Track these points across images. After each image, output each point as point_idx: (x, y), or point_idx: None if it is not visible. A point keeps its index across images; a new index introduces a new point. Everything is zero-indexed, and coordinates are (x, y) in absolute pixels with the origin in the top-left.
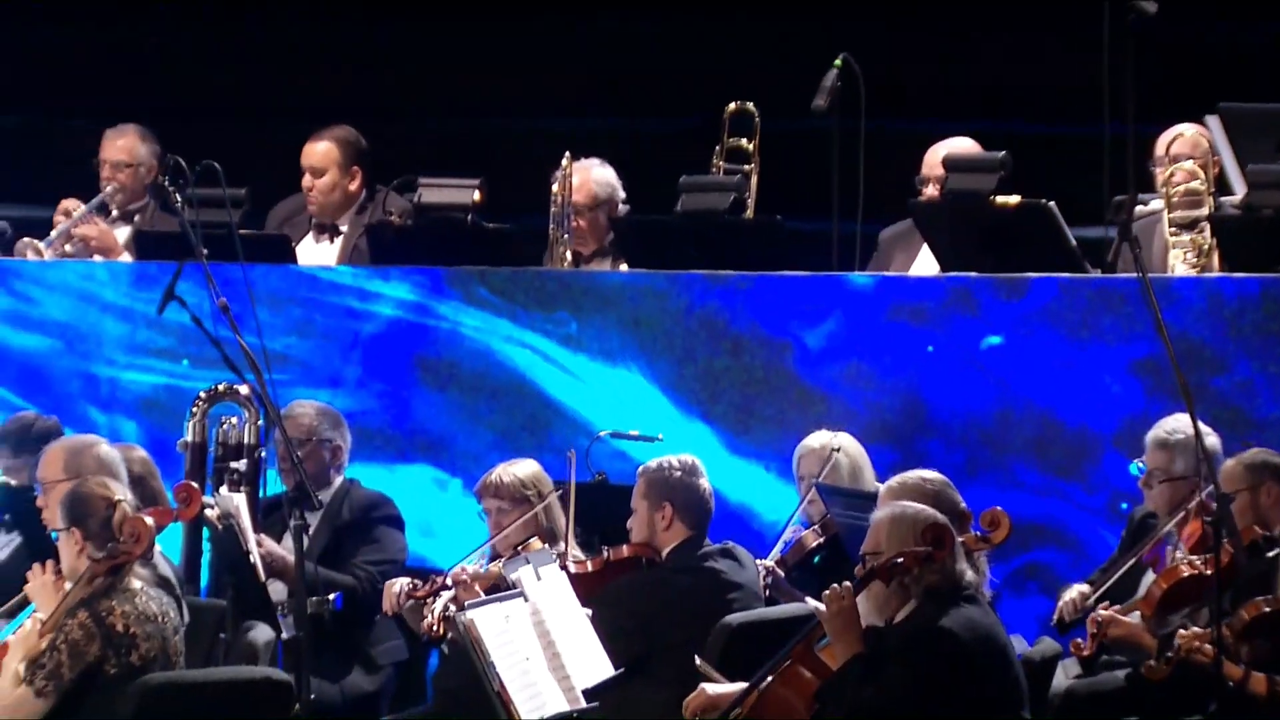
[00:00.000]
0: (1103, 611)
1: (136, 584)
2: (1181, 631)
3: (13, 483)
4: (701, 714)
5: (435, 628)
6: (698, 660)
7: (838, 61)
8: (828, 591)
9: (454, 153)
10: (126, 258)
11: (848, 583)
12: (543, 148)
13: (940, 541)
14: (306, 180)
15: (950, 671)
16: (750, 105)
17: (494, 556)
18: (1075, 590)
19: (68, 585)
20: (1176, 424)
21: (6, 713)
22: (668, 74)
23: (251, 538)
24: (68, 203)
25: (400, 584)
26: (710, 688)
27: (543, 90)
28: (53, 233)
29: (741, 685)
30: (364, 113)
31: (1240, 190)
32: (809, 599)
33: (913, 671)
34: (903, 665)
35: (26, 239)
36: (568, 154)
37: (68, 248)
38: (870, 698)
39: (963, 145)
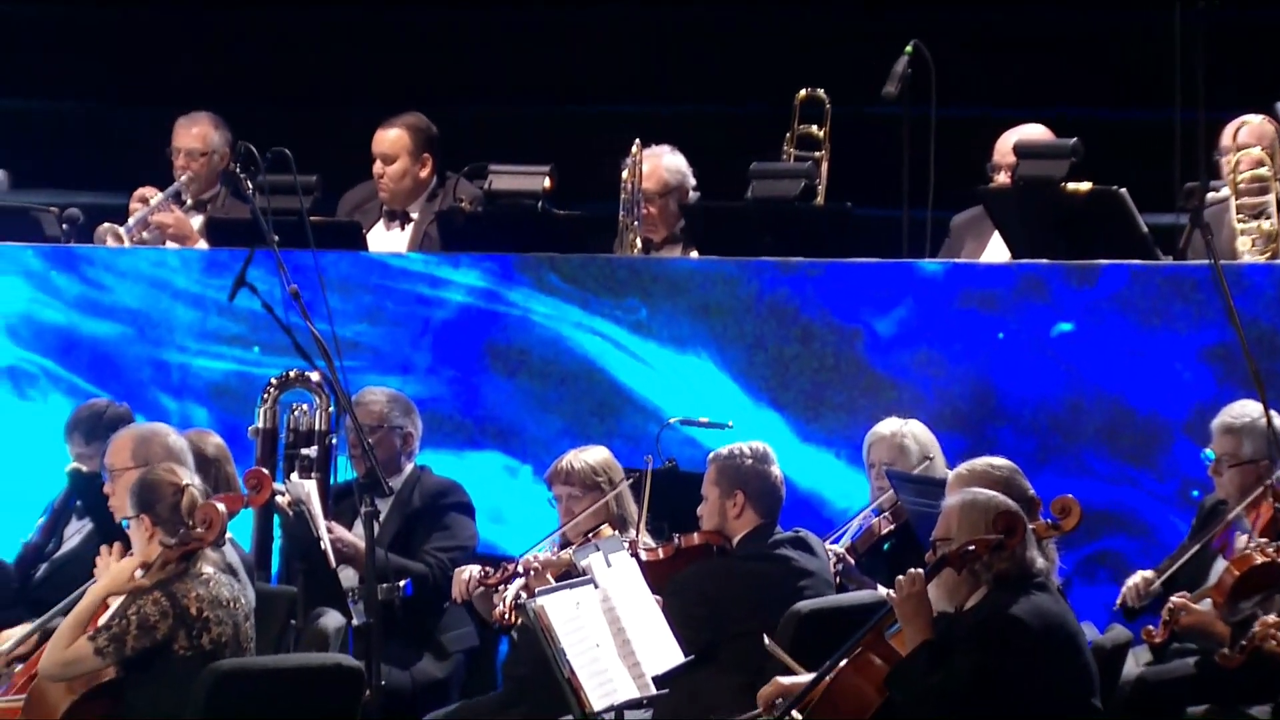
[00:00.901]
0: (1175, 599)
1: (208, 569)
2: (1264, 619)
3: (84, 469)
4: (771, 701)
5: (506, 615)
6: (766, 640)
7: (909, 48)
8: (900, 578)
9: (524, 139)
10: (202, 245)
11: (919, 569)
12: (613, 134)
13: (1012, 529)
14: (377, 167)
15: (1020, 659)
16: (821, 92)
17: (564, 543)
18: (1139, 576)
19: (139, 573)
20: (1243, 409)
21: (59, 655)
22: (739, 60)
23: (322, 524)
24: (145, 190)
25: (470, 572)
26: (784, 679)
27: (613, 76)
28: (131, 220)
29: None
30: (435, 99)
31: None
32: (879, 586)
33: (983, 659)
34: (973, 652)
35: (107, 225)
36: (637, 141)
37: (145, 235)
38: (940, 684)
39: (1034, 132)
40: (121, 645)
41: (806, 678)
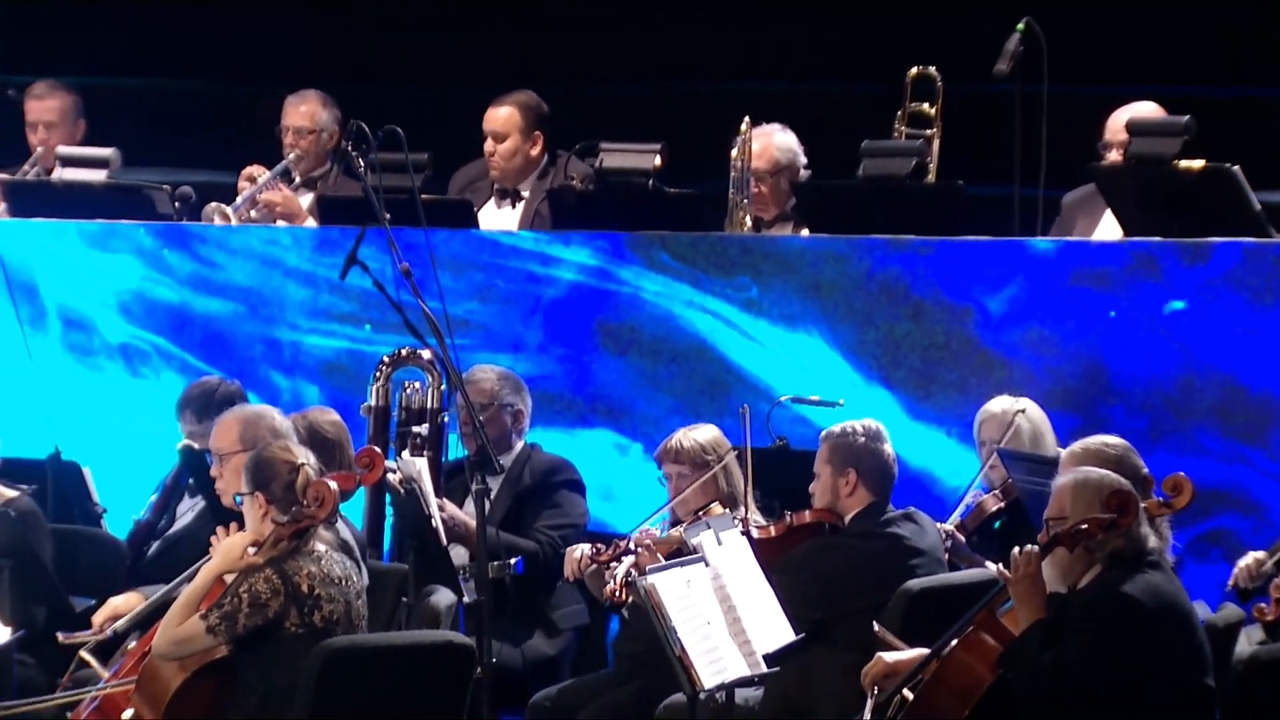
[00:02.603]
0: None
1: (321, 547)
2: None
3: (195, 446)
4: (880, 682)
5: (617, 593)
6: (876, 627)
7: (1020, 25)
8: (1014, 555)
9: (636, 117)
10: (310, 223)
11: (1034, 547)
12: (724, 112)
13: (1125, 507)
14: (488, 145)
15: (1133, 638)
16: (932, 69)
17: (674, 521)
18: (1250, 558)
19: (251, 551)
20: None
21: (171, 634)
22: (850, 37)
23: (434, 502)
24: (253, 169)
25: (581, 550)
26: (888, 656)
27: (724, 54)
28: (238, 198)
29: (920, 651)
30: (545, 77)
31: None
32: (989, 563)
33: (1096, 638)
34: (1086, 631)
35: (215, 204)
36: (747, 119)
37: (253, 213)
38: (1053, 664)
39: (1146, 109)
40: (233, 623)
41: (912, 653)
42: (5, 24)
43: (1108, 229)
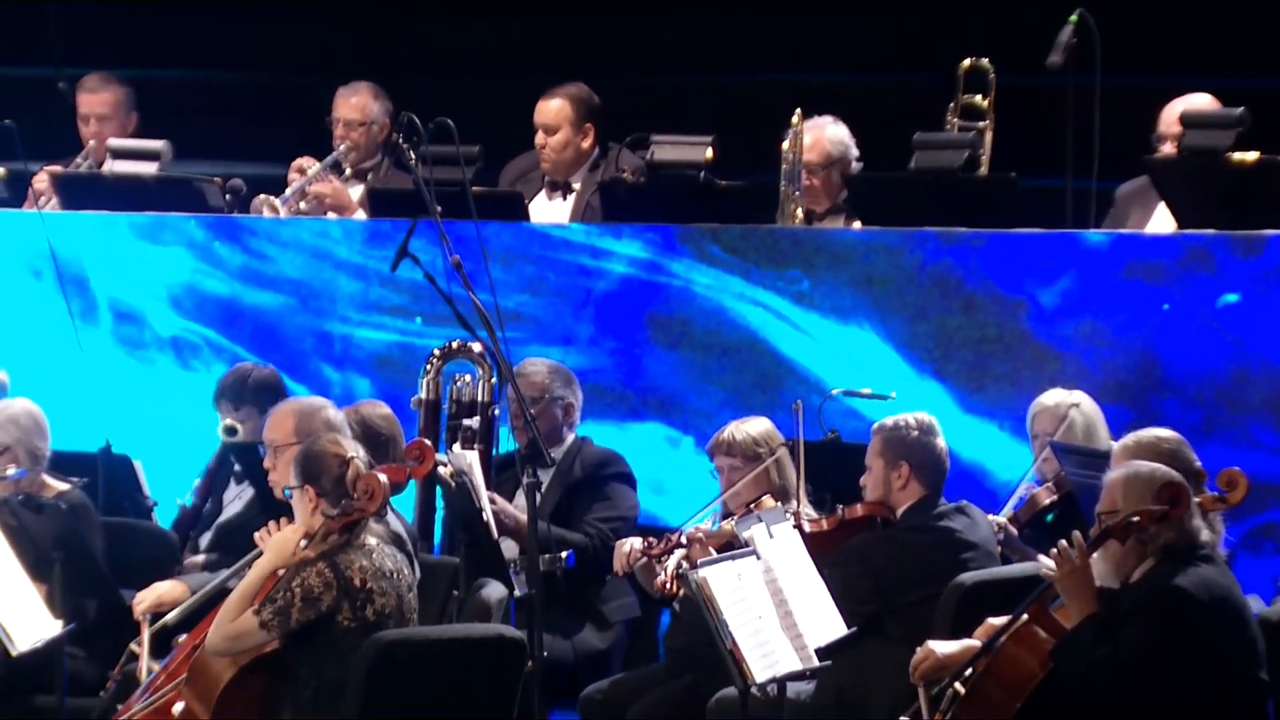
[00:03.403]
0: None
1: (372, 540)
2: None
3: (238, 426)
4: (929, 676)
5: (668, 585)
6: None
7: (1073, 17)
8: (1055, 551)
9: (686, 109)
10: (360, 215)
11: (1075, 538)
12: (775, 104)
13: (1177, 501)
14: (540, 138)
15: (1186, 631)
16: (985, 61)
17: (726, 514)
18: None
19: (302, 543)
20: None
21: (225, 630)
22: (902, 29)
23: (484, 495)
24: (302, 161)
25: (630, 544)
26: (938, 647)
27: (775, 45)
28: (287, 190)
29: (971, 644)
30: (596, 69)
31: None
32: (1041, 557)
33: (1148, 631)
34: (1138, 625)
35: (263, 196)
36: (798, 111)
37: (302, 205)
38: (1105, 657)
39: (1200, 101)
40: (286, 618)
41: (963, 646)
42: (58, 19)
43: (1161, 222)
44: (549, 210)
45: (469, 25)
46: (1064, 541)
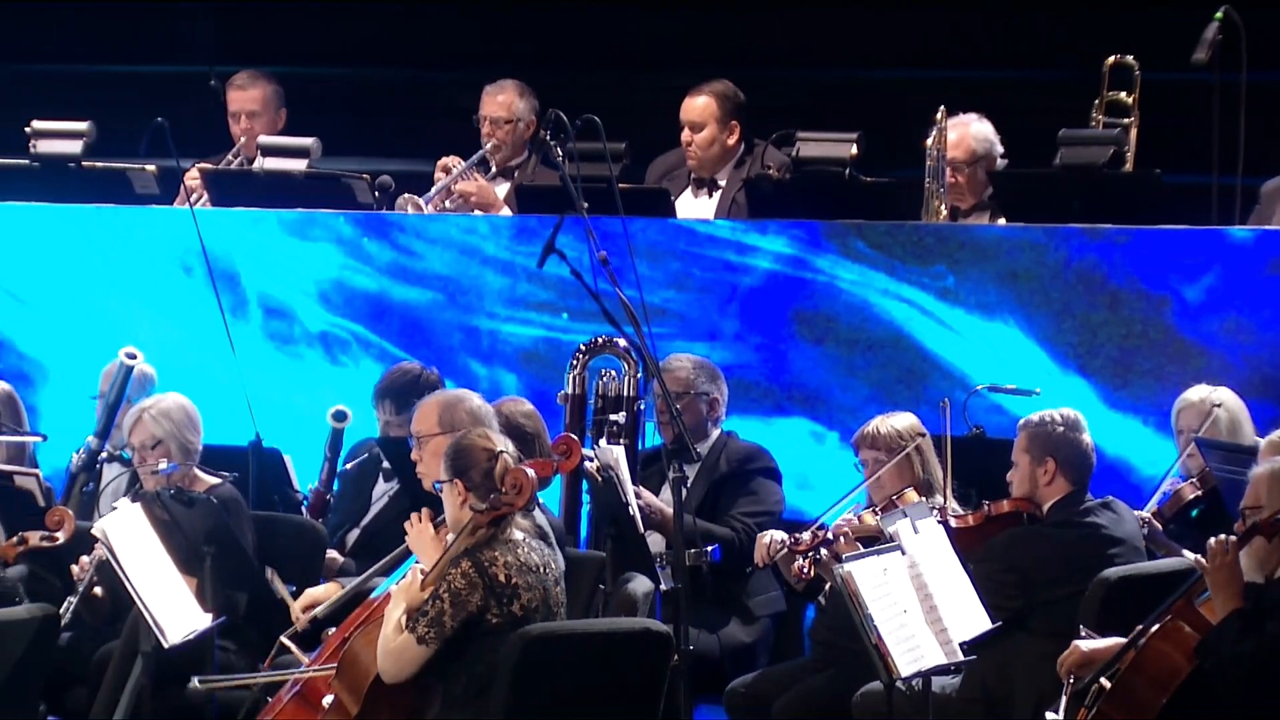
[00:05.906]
0: None
1: (518, 535)
2: None
3: (348, 413)
4: (1077, 670)
5: (805, 570)
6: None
7: (1219, 13)
8: (1211, 544)
9: (832, 106)
10: (505, 212)
11: (1228, 536)
12: (921, 100)
13: None
14: (685, 134)
15: None
16: (1130, 58)
17: (869, 506)
18: None
19: (450, 537)
20: None
21: (390, 658)
22: (1047, 26)
23: (630, 490)
24: (448, 159)
25: (771, 536)
26: (1085, 644)
27: (920, 42)
28: (432, 189)
29: (1117, 640)
30: (743, 66)
31: None
32: (1186, 552)
33: None
34: None
35: (407, 194)
36: (943, 108)
37: (447, 203)
38: (1250, 653)
39: None
40: (441, 627)
41: (1109, 642)
42: (209, 17)
43: None
44: (695, 206)
45: (616, 22)
46: (1222, 534)
